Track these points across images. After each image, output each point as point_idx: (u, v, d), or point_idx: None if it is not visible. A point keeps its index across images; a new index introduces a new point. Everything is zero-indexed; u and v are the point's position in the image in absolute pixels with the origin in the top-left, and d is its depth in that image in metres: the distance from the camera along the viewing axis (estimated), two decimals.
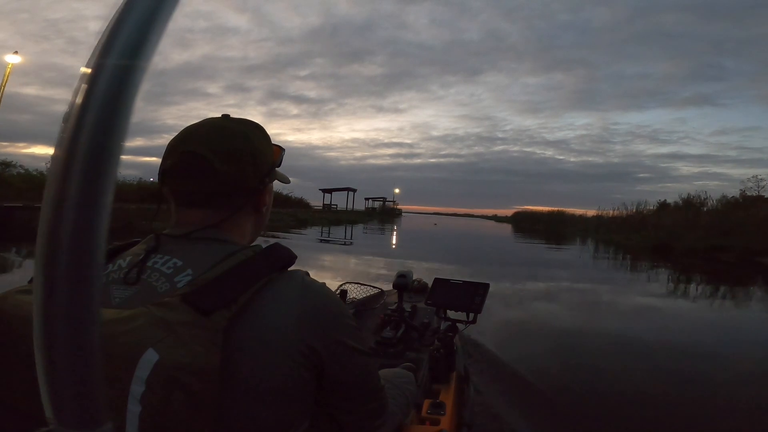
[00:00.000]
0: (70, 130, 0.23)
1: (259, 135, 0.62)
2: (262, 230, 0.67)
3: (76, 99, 0.24)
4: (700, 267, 10.23)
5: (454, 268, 7.56)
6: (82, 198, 0.23)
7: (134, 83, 0.24)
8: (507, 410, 2.20)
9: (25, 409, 0.43)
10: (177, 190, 0.58)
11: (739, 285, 7.94)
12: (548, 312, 4.65)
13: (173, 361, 0.41)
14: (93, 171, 0.23)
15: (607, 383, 2.71)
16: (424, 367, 1.25)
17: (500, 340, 3.29)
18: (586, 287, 6.54)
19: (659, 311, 5.06)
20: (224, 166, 0.56)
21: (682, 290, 6.97)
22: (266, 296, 0.50)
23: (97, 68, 0.24)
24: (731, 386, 2.76)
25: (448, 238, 18.10)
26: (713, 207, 18.02)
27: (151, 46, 0.24)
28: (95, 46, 0.24)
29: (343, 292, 1.73)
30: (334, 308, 0.56)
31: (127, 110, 0.24)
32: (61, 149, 0.23)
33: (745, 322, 4.84)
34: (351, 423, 0.62)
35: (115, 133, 0.24)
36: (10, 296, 0.48)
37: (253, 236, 0.65)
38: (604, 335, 3.81)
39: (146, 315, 0.43)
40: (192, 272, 0.51)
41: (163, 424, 0.40)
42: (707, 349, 3.55)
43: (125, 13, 0.24)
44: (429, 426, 1.03)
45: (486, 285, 1.48)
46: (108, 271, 0.53)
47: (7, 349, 0.44)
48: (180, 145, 0.57)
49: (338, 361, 0.55)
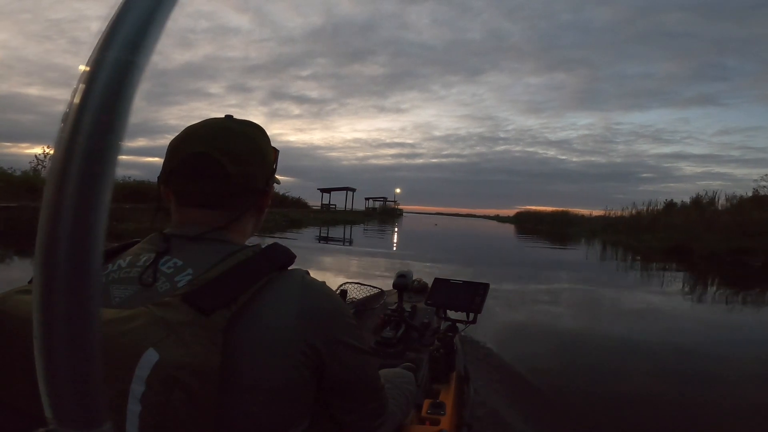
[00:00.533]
0: (68, 129, 0.23)
1: (262, 136, 0.63)
2: (257, 230, 0.68)
3: (74, 99, 0.24)
4: (729, 272, 8.99)
5: (455, 268, 7.55)
6: (81, 198, 0.23)
7: (132, 82, 0.24)
8: (507, 410, 2.20)
9: (25, 409, 0.43)
10: (183, 190, 0.58)
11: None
12: (550, 313, 4.65)
13: (173, 360, 0.41)
14: (91, 171, 0.23)
15: (608, 384, 2.71)
16: (424, 367, 1.25)
17: (501, 340, 3.29)
18: (606, 294, 5.88)
19: (698, 322, 4.45)
20: (235, 168, 0.56)
21: (723, 301, 5.81)
22: (266, 295, 0.50)
23: (95, 67, 0.24)
24: (738, 388, 2.75)
25: (449, 238, 17.70)
26: (724, 207, 16.81)
27: (150, 45, 0.24)
28: (94, 45, 0.24)
29: (343, 292, 1.73)
30: (334, 307, 0.56)
31: (126, 109, 0.24)
32: (60, 149, 0.23)
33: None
34: (351, 422, 0.62)
35: (113, 133, 0.24)
36: (10, 296, 0.48)
37: (250, 236, 0.65)
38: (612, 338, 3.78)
39: (146, 315, 0.43)
40: (192, 272, 0.51)
41: (163, 423, 0.40)
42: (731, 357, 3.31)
43: (123, 11, 0.24)
44: (429, 426, 1.03)
45: (486, 285, 1.48)
46: (108, 271, 0.53)
47: (7, 349, 0.44)
48: (185, 145, 0.57)
49: (338, 360, 0.55)
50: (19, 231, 7.39)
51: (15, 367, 0.44)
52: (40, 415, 0.25)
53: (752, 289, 7.13)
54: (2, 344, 0.45)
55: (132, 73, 0.24)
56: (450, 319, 1.47)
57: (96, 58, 0.24)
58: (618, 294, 6.05)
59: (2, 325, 0.45)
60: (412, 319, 1.49)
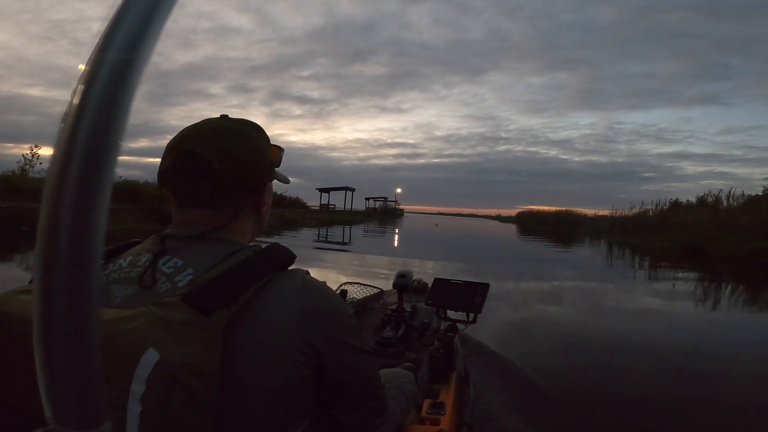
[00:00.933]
0: (67, 129, 0.23)
1: (257, 134, 0.62)
2: (261, 230, 0.67)
3: (74, 99, 0.24)
4: (756, 276, 8.04)
5: (455, 268, 7.55)
6: (80, 198, 0.23)
7: (132, 82, 0.24)
8: (507, 410, 2.20)
9: (25, 409, 0.43)
10: (176, 189, 0.58)
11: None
12: (551, 313, 4.64)
13: (174, 360, 0.41)
14: (91, 171, 0.23)
15: (610, 385, 2.70)
16: (424, 367, 1.25)
17: (501, 341, 3.29)
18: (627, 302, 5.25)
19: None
20: (222, 165, 0.56)
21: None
22: (266, 295, 0.50)
23: (94, 67, 0.24)
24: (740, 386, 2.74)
25: (450, 239, 17.37)
26: (731, 205, 15.88)
27: (149, 45, 0.24)
28: (94, 45, 0.24)
29: (343, 291, 1.73)
30: (334, 307, 0.56)
31: (125, 110, 0.24)
32: (59, 149, 0.23)
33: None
34: (351, 422, 0.62)
35: (113, 133, 0.24)
36: (10, 296, 0.48)
37: (252, 236, 0.65)
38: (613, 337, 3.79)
39: (147, 315, 0.43)
40: (193, 272, 0.51)
41: (163, 423, 0.40)
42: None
43: (123, 11, 0.24)
44: (429, 426, 1.03)
45: (486, 285, 1.49)
46: (108, 271, 0.53)
47: (7, 349, 0.44)
48: (178, 145, 0.58)
49: (338, 360, 0.55)
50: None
51: (15, 367, 0.44)
52: (40, 415, 0.25)
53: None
54: (2, 344, 0.45)
55: (132, 73, 0.24)
56: (450, 319, 1.47)
57: (95, 58, 0.24)
58: (639, 301, 5.43)
59: (2, 325, 0.45)
60: (412, 319, 1.49)
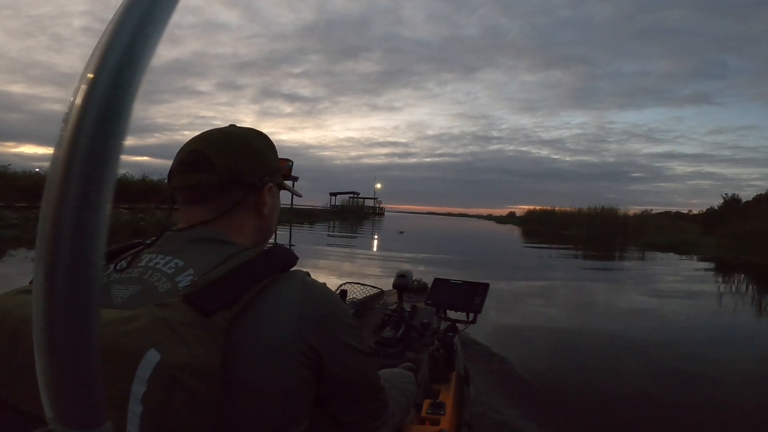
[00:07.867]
0: (70, 130, 0.23)
1: (259, 138, 0.65)
2: (269, 235, 0.68)
3: (76, 99, 0.24)
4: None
5: (455, 268, 7.54)
6: (82, 198, 0.23)
7: (134, 83, 0.24)
8: (507, 410, 2.20)
9: (25, 409, 0.43)
10: (179, 187, 0.60)
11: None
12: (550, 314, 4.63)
13: (175, 361, 0.41)
14: (93, 171, 0.23)
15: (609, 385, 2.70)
16: (424, 367, 1.25)
17: (501, 341, 3.28)
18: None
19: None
20: (219, 159, 0.59)
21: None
22: (267, 297, 0.50)
23: (97, 68, 0.24)
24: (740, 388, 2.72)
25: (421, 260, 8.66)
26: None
27: (152, 45, 0.24)
28: (95, 46, 0.24)
29: (343, 292, 1.73)
30: (334, 308, 0.56)
31: (127, 110, 0.24)
32: (61, 150, 0.23)
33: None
34: (351, 423, 0.62)
35: (116, 134, 0.24)
36: (10, 296, 0.48)
37: (257, 240, 0.65)
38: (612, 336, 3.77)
39: (148, 315, 0.43)
40: (193, 272, 0.51)
41: (164, 423, 0.40)
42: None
43: (125, 12, 0.24)
44: (429, 426, 1.03)
45: (486, 285, 1.49)
46: (109, 271, 0.53)
47: (7, 349, 0.44)
48: (185, 147, 0.61)
49: (338, 361, 0.55)
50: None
51: (15, 366, 0.44)
52: (41, 415, 0.25)
53: None
54: (3, 344, 0.45)
55: (134, 73, 0.24)
56: (450, 319, 1.47)
57: (98, 59, 0.24)
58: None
59: (3, 325, 0.45)
60: (412, 319, 1.49)
